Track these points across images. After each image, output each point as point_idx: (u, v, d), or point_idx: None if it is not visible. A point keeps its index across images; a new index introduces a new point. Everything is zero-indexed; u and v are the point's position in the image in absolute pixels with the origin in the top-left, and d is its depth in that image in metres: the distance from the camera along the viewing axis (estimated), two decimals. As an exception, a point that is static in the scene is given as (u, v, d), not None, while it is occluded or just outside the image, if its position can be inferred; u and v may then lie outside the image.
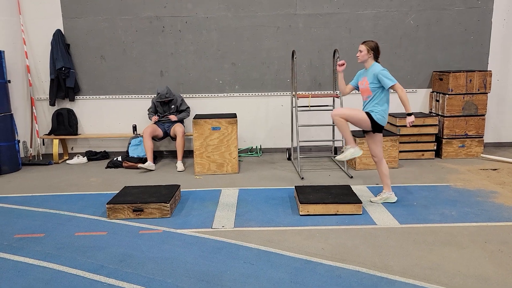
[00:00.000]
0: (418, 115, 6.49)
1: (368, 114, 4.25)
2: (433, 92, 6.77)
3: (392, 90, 4.21)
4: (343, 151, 4.41)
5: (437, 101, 6.57)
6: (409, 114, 4.23)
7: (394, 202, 4.44)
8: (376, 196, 4.56)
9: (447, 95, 6.33)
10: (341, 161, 6.10)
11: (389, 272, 3.03)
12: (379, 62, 4.31)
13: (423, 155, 6.38)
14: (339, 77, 4.54)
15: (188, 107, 6.45)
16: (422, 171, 5.71)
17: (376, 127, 4.27)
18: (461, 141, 6.38)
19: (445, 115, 6.36)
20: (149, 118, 6.33)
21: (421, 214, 4.14)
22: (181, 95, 6.67)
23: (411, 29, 6.68)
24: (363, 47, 4.25)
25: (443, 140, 6.37)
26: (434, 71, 6.77)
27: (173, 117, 6.18)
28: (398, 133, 6.18)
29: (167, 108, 6.34)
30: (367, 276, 2.99)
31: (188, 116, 6.43)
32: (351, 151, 4.34)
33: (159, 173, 5.91)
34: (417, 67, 6.79)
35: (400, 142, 6.13)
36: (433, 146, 6.38)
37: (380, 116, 4.23)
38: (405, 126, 6.27)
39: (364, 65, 4.38)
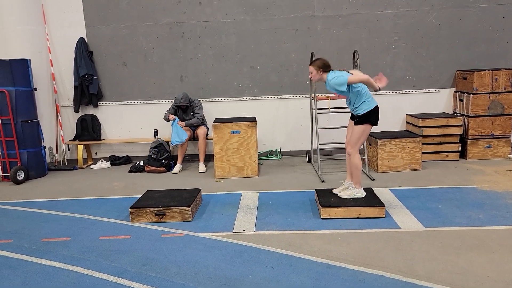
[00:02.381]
0: (442, 115, 6.36)
1: (360, 119, 4.21)
2: (456, 91, 6.62)
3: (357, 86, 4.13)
4: (347, 187, 4.37)
5: (461, 101, 6.42)
6: (378, 89, 4.18)
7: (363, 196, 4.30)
8: (344, 191, 4.37)
9: (471, 95, 6.18)
10: (363, 164, 6.03)
11: (415, 277, 2.97)
12: (331, 70, 4.23)
13: (447, 156, 6.24)
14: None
15: (199, 114, 6.32)
16: (447, 172, 5.59)
17: (363, 118, 4.20)
18: (487, 142, 6.21)
19: (470, 115, 6.20)
20: (164, 118, 6.31)
21: (447, 217, 4.04)
22: (201, 99, 6.73)
23: (433, 28, 6.55)
24: (311, 68, 4.25)
25: (468, 140, 6.22)
26: (457, 70, 6.62)
27: (181, 123, 6.17)
28: (421, 134, 6.06)
29: (186, 113, 6.38)
30: (391, 281, 2.93)
31: (198, 122, 6.31)
32: (356, 192, 4.30)
33: (180, 176, 5.97)
34: (439, 66, 6.66)
35: (423, 143, 6.01)
36: (457, 147, 6.23)
37: (365, 106, 4.17)
38: (428, 127, 6.16)
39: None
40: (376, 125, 4.29)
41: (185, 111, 6.38)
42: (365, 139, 4.34)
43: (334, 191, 4.46)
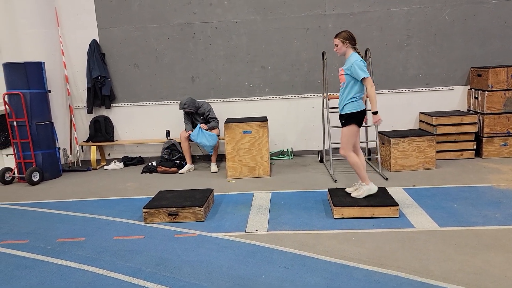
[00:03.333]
0: (456, 113, 6.27)
1: (344, 120, 4.22)
2: (471, 89, 6.52)
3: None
4: (356, 188, 4.34)
5: (476, 98, 6.32)
6: (375, 113, 4.11)
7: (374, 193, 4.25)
8: (355, 191, 4.31)
9: (486, 92, 6.08)
10: (376, 163, 5.99)
11: (430, 277, 2.93)
12: (358, 52, 4.20)
13: (462, 154, 6.15)
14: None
15: (215, 118, 6.36)
16: (462, 171, 5.51)
17: (348, 119, 4.17)
18: (503, 140, 6.10)
19: (485, 112, 6.11)
20: (185, 129, 6.36)
21: (462, 216, 3.98)
22: (212, 100, 6.75)
23: (446, 24, 6.46)
24: (337, 41, 4.19)
25: (484, 138, 6.12)
26: (471, 67, 6.52)
27: (203, 126, 6.19)
28: (434, 133, 5.99)
29: (195, 117, 6.39)
30: (406, 281, 2.90)
31: (217, 125, 6.34)
32: (367, 188, 4.26)
33: (192, 177, 5.99)
34: (453, 63, 6.57)
35: (437, 142, 5.94)
36: (472, 145, 6.14)
37: (354, 105, 4.14)
38: (441, 125, 6.08)
39: (344, 58, 4.28)
40: (360, 126, 4.24)
41: (192, 114, 6.38)
42: (354, 139, 4.24)
43: (347, 190, 4.43)
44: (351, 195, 4.32)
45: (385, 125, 6.64)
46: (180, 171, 6.23)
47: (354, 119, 4.17)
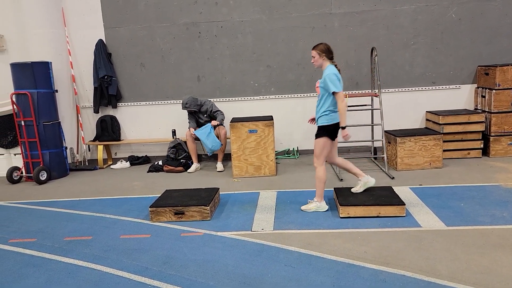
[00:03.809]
0: (463, 112, 6.23)
1: (318, 131, 4.21)
2: (478, 87, 6.48)
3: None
4: (361, 185, 4.39)
5: (483, 97, 6.28)
6: (343, 128, 4.12)
7: (325, 211, 4.28)
8: (306, 204, 4.38)
9: (494, 90, 6.03)
10: (382, 162, 5.97)
11: (437, 277, 2.92)
12: (335, 64, 4.22)
13: (469, 153, 6.12)
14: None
15: (219, 110, 6.38)
16: (469, 170, 5.47)
17: (320, 130, 4.18)
18: (510, 138, 6.05)
19: (492, 111, 6.06)
20: (189, 127, 6.39)
21: (469, 215, 3.96)
22: (218, 99, 6.77)
23: (453, 23, 6.42)
24: (314, 53, 4.20)
25: (491, 137, 6.08)
26: (479, 66, 6.48)
27: (214, 122, 6.21)
28: (441, 132, 5.96)
29: (199, 115, 6.39)
30: (413, 280, 2.89)
31: (224, 116, 6.37)
32: (317, 205, 4.28)
33: (198, 176, 6.01)
34: (460, 62, 6.53)
35: (444, 141, 5.91)
36: (479, 144, 6.10)
37: (328, 118, 4.15)
38: (448, 124, 6.05)
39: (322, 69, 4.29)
40: (333, 140, 4.24)
41: (196, 113, 6.39)
42: (326, 151, 4.21)
43: (352, 190, 4.42)
44: (302, 208, 4.35)
45: (392, 124, 6.62)
46: (188, 171, 6.24)
47: (326, 131, 4.16)
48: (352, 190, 4.40)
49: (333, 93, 4.07)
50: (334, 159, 4.40)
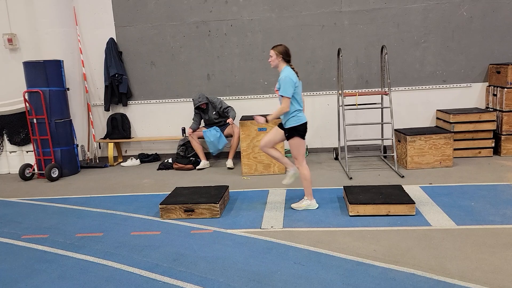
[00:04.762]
0: (474, 110, 6.18)
1: (289, 133, 4.23)
2: (489, 86, 6.41)
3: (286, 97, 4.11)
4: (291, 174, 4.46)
5: (495, 95, 6.22)
6: (266, 117, 4.23)
7: (316, 209, 4.33)
8: (297, 202, 4.44)
9: (505, 89, 5.97)
10: (392, 161, 5.94)
11: (447, 276, 2.91)
12: (291, 66, 4.22)
13: (480, 152, 6.06)
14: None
15: (229, 106, 6.39)
16: (480, 169, 5.43)
17: (290, 132, 4.21)
18: (522, 137, 5.99)
19: (503, 110, 6.00)
20: (191, 126, 6.41)
21: (480, 215, 3.93)
22: (227, 97, 6.79)
23: (464, 21, 6.36)
24: (272, 52, 4.21)
25: (502, 136, 6.02)
26: (490, 64, 6.41)
27: (230, 121, 6.22)
28: (452, 130, 5.91)
29: (209, 114, 6.41)
30: (423, 279, 2.88)
31: (235, 113, 6.38)
32: (308, 203, 4.33)
33: (208, 174, 6.04)
34: (471, 60, 6.47)
35: (455, 140, 5.86)
36: (491, 143, 6.04)
37: (295, 120, 4.17)
38: (459, 122, 6.00)
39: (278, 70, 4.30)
40: (303, 138, 4.26)
41: (205, 111, 6.42)
42: (303, 149, 4.28)
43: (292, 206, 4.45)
44: (291, 206, 4.40)
45: (402, 123, 6.59)
46: (197, 167, 6.28)
47: (296, 132, 4.21)
48: (292, 205, 4.40)
49: (281, 96, 4.12)
50: (270, 146, 4.42)
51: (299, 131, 4.20)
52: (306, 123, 4.24)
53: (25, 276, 3.28)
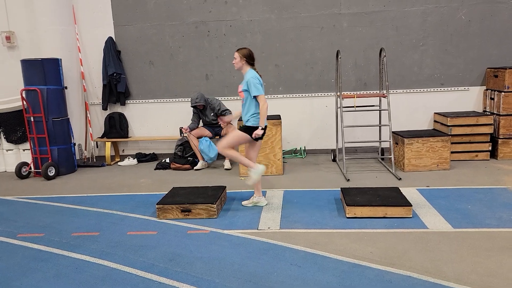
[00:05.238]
0: (471, 114, 6.20)
1: (244, 127, 4.31)
2: (487, 89, 6.43)
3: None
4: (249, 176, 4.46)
5: (492, 99, 6.24)
6: (263, 128, 4.25)
7: (265, 205, 4.48)
8: (248, 200, 4.56)
9: (503, 93, 5.99)
10: (389, 163, 5.95)
11: (443, 278, 2.91)
12: (255, 69, 4.33)
13: (477, 156, 6.08)
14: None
15: (227, 109, 6.39)
16: (476, 172, 5.44)
17: (244, 129, 4.30)
18: (519, 141, 6.01)
19: (501, 113, 6.02)
20: (189, 126, 6.39)
21: (476, 218, 3.94)
22: (226, 98, 6.79)
23: (463, 24, 6.39)
24: (236, 55, 4.32)
25: (499, 140, 6.04)
26: (488, 68, 6.44)
27: (227, 119, 6.18)
28: (449, 133, 5.93)
29: (207, 114, 6.40)
30: (419, 281, 2.89)
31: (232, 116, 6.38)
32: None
33: (205, 174, 6.03)
34: (469, 64, 6.49)
35: (452, 143, 5.88)
36: (488, 147, 6.06)
37: (255, 120, 4.27)
38: (456, 125, 6.02)
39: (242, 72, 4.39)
40: (255, 140, 4.34)
41: (202, 111, 6.41)
42: (237, 144, 4.43)
43: (243, 203, 4.55)
44: (246, 182, 4.47)
45: (400, 125, 6.60)
46: (195, 168, 6.27)
47: (250, 131, 4.28)
48: (242, 203, 4.53)
49: (255, 96, 4.19)
50: (254, 162, 4.47)
51: (253, 131, 4.27)
52: (265, 126, 4.31)
53: (21, 274, 3.26)
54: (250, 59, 4.33)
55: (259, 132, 4.23)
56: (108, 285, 3.04)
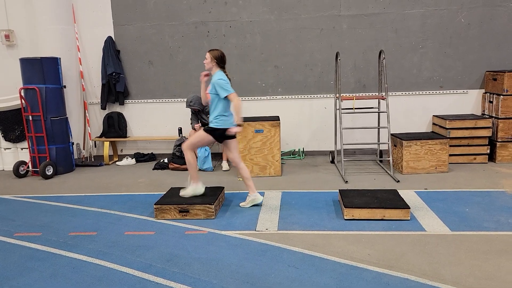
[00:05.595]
0: (470, 117, 6.20)
1: (208, 129, 4.33)
2: (486, 93, 6.44)
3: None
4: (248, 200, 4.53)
5: (491, 102, 6.25)
6: (239, 125, 4.28)
7: (260, 203, 4.50)
8: (245, 201, 4.56)
9: (501, 96, 6.00)
10: (387, 165, 5.95)
11: (441, 281, 2.91)
12: (224, 71, 4.35)
13: (475, 159, 6.09)
14: (202, 86, 4.59)
15: None
16: (475, 175, 5.45)
17: (222, 135, 4.31)
18: (517, 145, 6.02)
19: (499, 117, 6.03)
20: (192, 127, 6.37)
21: (474, 221, 3.95)
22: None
23: (462, 27, 6.40)
24: (208, 55, 4.35)
25: (497, 143, 6.05)
26: (487, 71, 6.45)
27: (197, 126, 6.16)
28: (448, 136, 5.94)
29: (201, 115, 6.39)
30: (416, 284, 2.89)
31: None
32: (252, 199, 4.47)
33: (203, 175, 6.02)
34: (468, 67, 6.50)
35: (450, 145, 5.88)
36: (486, 150, 6.07)
37: (219, 122, 4.28)
38: (455, 128, 6.03)
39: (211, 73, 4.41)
40: (219, 141, 4.40)
41: (198, 113, 6.39)
42: (201, 145, 4.47)
43: (240, 204, 4.54)
44: (180, 193, 4.46)
45: (398, 127, 6.61)
46: None
47: (212, 132, 4.32)
48: (240, 204, 4.53)
49: (226, 97, 4.21)
50: (238, 162, 4.51)
51: (215, 133, 4.31)
52: (226, 129, 4.32)
53: (17, 274, 3.25)
54: (220, 62, 4.34)
55: (234, 130, 4.25)
56: (105, 285, 3.03)
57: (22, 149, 6.64)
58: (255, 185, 5.32)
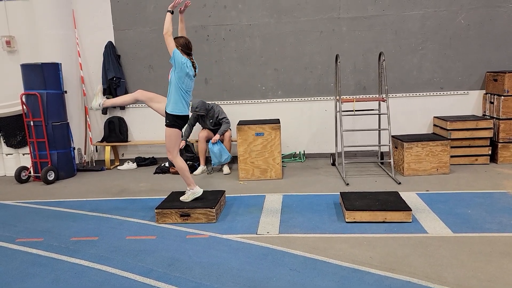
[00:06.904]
0: (471, 118, 6.19)
1: (166, 121, 4.35)
2: (486, 93, 6.44)
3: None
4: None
5: (492, 103, 6.24)
6: (171, 12, 4.27)
7: (201, 195, 4.44)
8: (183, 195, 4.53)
9: (502, 97, 5.99)
10: (388, 167, 5.94)
11: (443, 284, 2.90)
12: (192, 60, 4.38)
13: (476, 160, 6.08)
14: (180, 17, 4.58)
15: (225, 117, 6.31)
16: (476, 177, 5.43)
17: (170, 119, 4.29)
18: (519, 145, 6.01)
19: (500, 117, 6.02)
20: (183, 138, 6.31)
21: (476, 222, 3.93)
22: (225, 102, 6.79)
23: (462, 28, 6.40)
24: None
25: (499, 144, 6.03)
26: (487, 72, 6.44)
27: (215, 138, 6.10)
28: (449, 137, 5.93)
29: (204, 120, 6.40)
30: (419, 287, 2.87)
31: (228, 125, 6.28)
32: (191, 192, 4.43)
33: (204, 178, 6.02)
34: (468, 68, 6.49)
35: (451, 147, 5.87)
36: (487, 151, 6.05)
37: (172, 107, 4.28)
38: (456, 129, 6.01)
39: None
40: (180, 130, 4.39)
41: (202, 118, 6.40)
42: (178, 142, 4.42)
43: (181, 198, 4.51)
44: (180, 198, 4.46)
45: (399, 129, 6.60)
46: (194, 173, 6.22)
47: (175, 122, 4.30)
48: (181, 198, 4.48)
49: (165, 35, 4.18)
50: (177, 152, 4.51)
51: (177, 121, 4.28)
52: (186, 116, 4.31)
53: (19, 279, 3.25)
54: (186, 49, 4.32)
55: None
56: (107, 291, 3.02)
57: (23, 154, 6.66)
58: (258, 188, 5.33)
